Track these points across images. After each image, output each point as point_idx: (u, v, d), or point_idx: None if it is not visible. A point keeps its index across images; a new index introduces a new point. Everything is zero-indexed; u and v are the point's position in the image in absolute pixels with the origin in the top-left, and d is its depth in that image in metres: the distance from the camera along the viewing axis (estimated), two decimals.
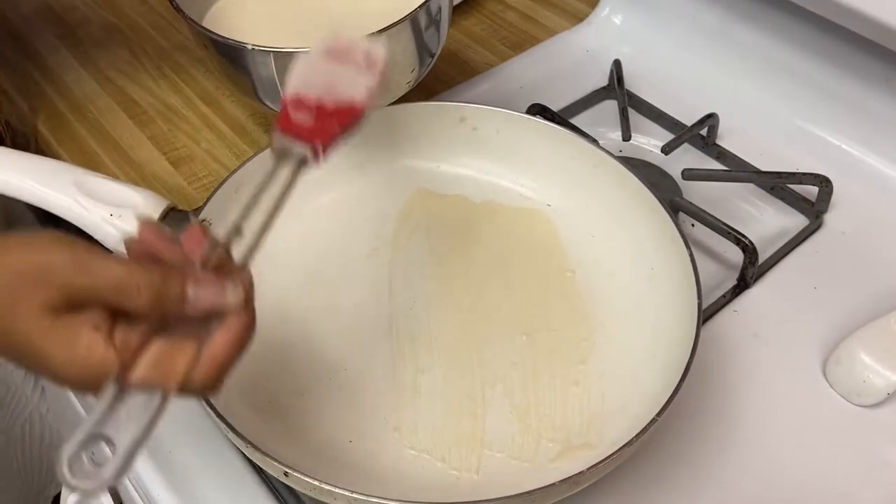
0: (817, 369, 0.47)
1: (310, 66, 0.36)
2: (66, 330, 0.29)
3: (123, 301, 0.29)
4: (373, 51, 0.36)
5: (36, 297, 0.29)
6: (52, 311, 0.29)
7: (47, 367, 0.30)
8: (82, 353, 0.29)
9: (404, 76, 0.52)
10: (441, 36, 0.52)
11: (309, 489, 0.36)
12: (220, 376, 0.31)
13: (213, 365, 0.30)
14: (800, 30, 0.59)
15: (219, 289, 0.31)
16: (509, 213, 0.52)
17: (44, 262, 0.29)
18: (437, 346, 0.45)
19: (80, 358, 0.29)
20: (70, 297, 0.29)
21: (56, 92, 0.66)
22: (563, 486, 0.36)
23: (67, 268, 0.29)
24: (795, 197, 0.56)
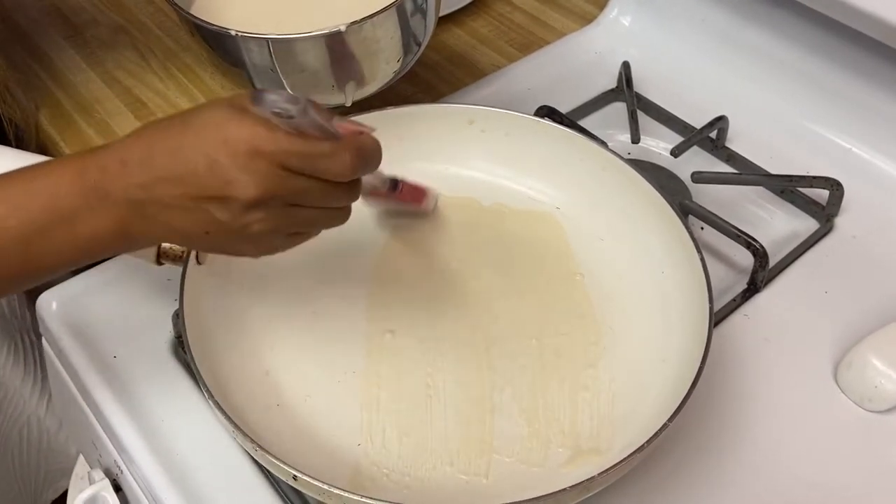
0: (828, 374, 0.47)
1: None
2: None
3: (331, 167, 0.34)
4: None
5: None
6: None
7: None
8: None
9: (390, 64, 0.51)
10: (428, 24, 0.52)
11: (318, 493, 0.36)
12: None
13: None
14: (810, 32, 0.58)
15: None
16: (518, 216, 0.52)
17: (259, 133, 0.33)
18: (445, 349, 0.45)
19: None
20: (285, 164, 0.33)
21: (63, 92, 0.66)
22: (573, 491, 0.35)
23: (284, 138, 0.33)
24: (806, 200, 0.55)
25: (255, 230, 0.35)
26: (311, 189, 0.35)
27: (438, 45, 0.69)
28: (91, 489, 0.47)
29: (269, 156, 0.33)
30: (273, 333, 0.45)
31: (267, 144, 0.33)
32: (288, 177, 0.34)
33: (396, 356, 0.45)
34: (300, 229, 0.37)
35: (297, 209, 0.35)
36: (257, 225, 0.34)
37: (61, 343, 0.48)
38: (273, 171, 0.33)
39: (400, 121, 0.52)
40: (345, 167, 0.35)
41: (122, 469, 0.45)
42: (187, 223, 0.34)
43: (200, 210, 0.34)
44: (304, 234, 0.38)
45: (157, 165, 0.33)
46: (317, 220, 0.37)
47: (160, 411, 0.45)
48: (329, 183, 0.35)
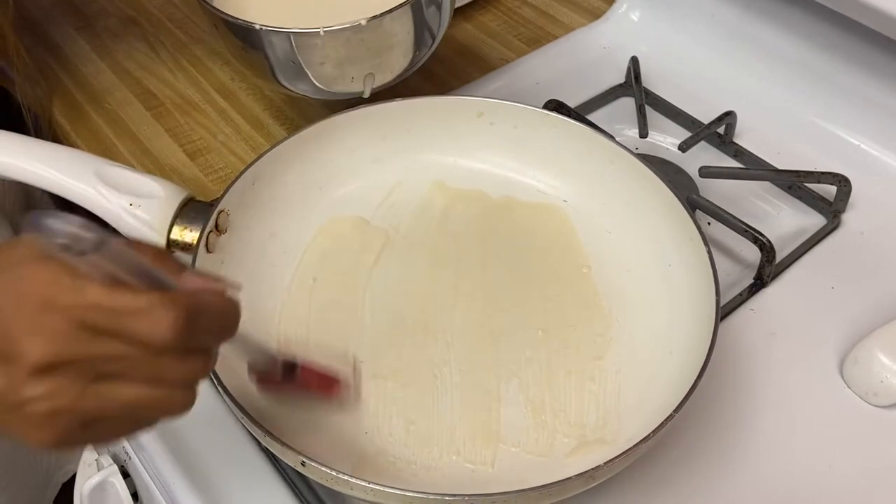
0: (834, 369, 0.47)
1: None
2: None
3: (147, 329, 0.27)
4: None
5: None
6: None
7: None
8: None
9: (407, 57, 0.52)
10: (443, 18, 0.53)
11: (326, 479, 0.36)
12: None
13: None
14: (819, 27, 0.58)
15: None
16: (526, 209, 0.52)
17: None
18: (453, 340, 0.45)
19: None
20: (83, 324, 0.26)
21: (74, 83, 0.66)
22: (578, 480, 0.36)
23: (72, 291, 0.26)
24: (813, 196, 0.55)
25: (42, 408, 0.26)
26: (121, 356, 0.27)
27: (447, 38, 0.69)
28: (99, 475, 0.48)
29: (63, 309, 0.26)
30: (282, 322, 0.46)
31: (63, 295, 0.26)
32: (91, 338, 0.26)
33: (404, 346, 0.45)
34: (109, 413, 0.28)
35: (105, 384, 0.27)
36: (45, 401, 0.26)
37: None
38: (68, 329, 0.26)
39: (409, 113, 0.53)
40: (163, 328, 0.26)
41: (130, 455, 0.46)
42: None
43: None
44: (121, 421, 0.29)
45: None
46: (137, 402, 0.28)
47: None
48: (147, 349, 0.27)
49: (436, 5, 0.51)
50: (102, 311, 0.26)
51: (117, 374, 0.27)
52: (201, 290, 0.28)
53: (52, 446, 0.28)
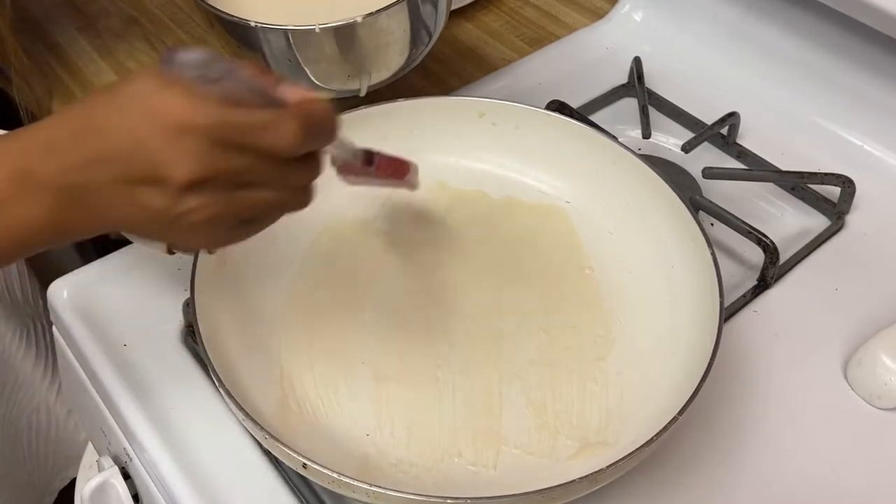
0: (838, 371, 0.47)
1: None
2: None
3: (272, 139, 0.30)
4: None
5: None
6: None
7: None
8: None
9: (403, 55, 0.52)
10: (439, 16, 0.53)
11: (327, 482, 0.36)
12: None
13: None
14: (822, 28, 0.58)
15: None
16: (527, 209, 0.52)
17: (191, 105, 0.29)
18: (454, 341, 0.45)
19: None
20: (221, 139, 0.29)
21: (75, 83, 0.66)
22: (582, 483, 0.35)
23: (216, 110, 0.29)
24: (816, 197, 0.55)
25: (197, 218, 0.30)
26: (255, 166, 0.30)
27: (449, 39, 0.69)
28: (100, 477, 0.47)
29: (199, 130, 0.29)
30: (283, 323, 0.45)
31: (196, 118, 0.29)
32: (225, 154, 0.30)
33: (406, 347, 0.45)
34: (251, 215, 0.32)
35: (244, 191, 0.31)
36: (198, 212, 0.30)
37: (72, 331, 0.48)
38: (206, 148, 0.29)
39: (411, 113, 0.52)
40: (288, 139, 0.30)
41: (131, 457, 0.46)
42: (123, 210, 0.30)
43: (134, 195, 0.30)
44: (258, 221, 0.33)
45: (83, 146, 0.30)
46: (270, 204, 0.32)
47: (170, 400, 0.45)
48: (276, 159, 0.31)
49: (432, 3, 0.51)
50: (233, 129, 0.29)
51: (252, 183, 0.31)
52: (305, 101, 0.32)
53: (213, 246, 0.34)
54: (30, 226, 0.31)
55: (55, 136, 0.30)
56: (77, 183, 0.30)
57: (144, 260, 0.51)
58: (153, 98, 0.29)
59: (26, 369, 0.67)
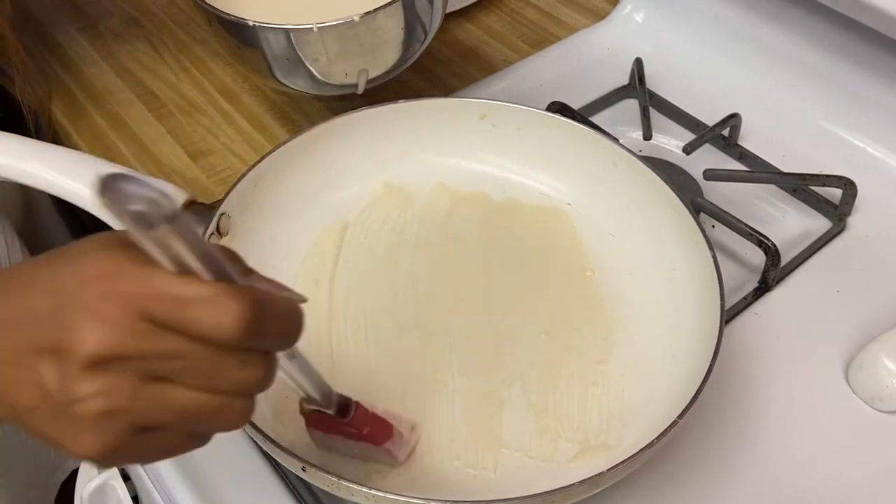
0: (839, 374, 0.46)
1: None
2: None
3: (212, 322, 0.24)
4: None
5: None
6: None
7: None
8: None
9: (400, 53, 0.52)
10: (435, 14, 0.53)
11: (327, 485, 0.36)
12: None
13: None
14: (824, 29, 0.58)
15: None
16: (528, 211, 0.52)
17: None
18: (455, 343, 0.45)
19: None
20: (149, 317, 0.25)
21: (76, 83, 0.66)
22: (583, 486, 0.35)
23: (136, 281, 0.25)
24: (818, 199, 0.55)
25: (91, 409, 0.24)
26: (179, 353, 0.25)
27: (450, 40, 0.69)
28: (100, 478, 0.47)
29: (125, 297, 0.24)
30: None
31: (126, 283, 0.24)
32: (149, 332, 0.24)
33: (405, 350, 0.45)
34: (161, 420, 0.26)
35: (161, 386, 0.25)
36: (94, 401, 0.24)
37: None
38: (127, 319, 0.24)
39: (411, 114, 0.52)
40: (228, 320, 0.24)
41: None
42: (13, 389, 0.25)
43: (30, 370, 0.25)
44: (167, 431, 0.26)
45: (2, 305, 0.26)
46: (189, 410, 0.26)
47: None
48: (208, 345, 0.25)
49: (428, 0, 0.51)
50: (166, 301, 0.24)
51: (174, 377, 0.25)
52: (267, 286, 0.27)
53: (99, 455, 0.26)
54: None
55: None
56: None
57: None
58: (91, 257, 0.25)
59: None
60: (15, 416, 0.26)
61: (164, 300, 0.24)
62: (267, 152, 0.48)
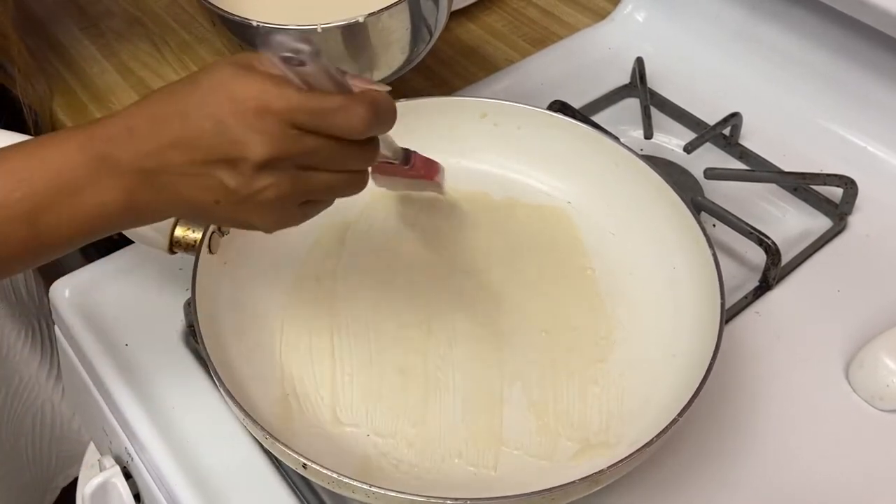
0: (840, 373, 0.46)
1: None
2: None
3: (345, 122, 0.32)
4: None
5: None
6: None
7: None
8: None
9: (405, 53, 0.52)
10: (440, 13, 0.53)
11: (328, 482, 0.36)
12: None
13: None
14: (825, 29, 0.58)
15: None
16: (529, 210, 0.52)
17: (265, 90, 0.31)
18: (455, 341, 0.45)
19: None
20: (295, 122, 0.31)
21: (79, 83, 0.66)
22: (582, 484, 0.35)
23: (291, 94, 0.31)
24: (819, 198, 0.55)
25: (267, 196, 0.33)
26: (323, 149, 0.33)
27: (452, 39, 0.69)
28: (101, 476, 0.48)
29: (277, 113, 0.31)
30: (284, 324, 0.46)
31: (275, 101, 0.31)
32: (299, 136, 0.32)
33: (406, 349, 0.45)
34: (314, 196, 0.35)
35: (311, 173, 0.33)
36: (269, 191, 0.33)
37: (73, 330, 0.48)
38: (283, 129, 0.32)
39: (413, 113, 0.52)
40: (359, 121, 0.32)
41: (132, 456, 0.46)
42: (196, 192, 0.33)
43: (209, 177, 0.32)
44: (318, 202, 0.36)
45: (163, 132, 0.32)
46: (332, 186, 0.35)
47: (171, 399, 0.45)
48: (343, 142, 0.33)
49: (433, 0, 0.51)
50: (308, 112, 0.31)
51: (319, 165, 0.33)
52: (370, 89, 0.34)
53: (276, 226, 0.35)
54: (105, 209, 0.33)
55: (134, 124, 0.33)
56: (153, 167, 0.32)
57: (146, 260, 0.51)
58: (232, 83, 0.32)
59: (31, 368, 0.67)
60: (197, 212, 0.35)
61: (307, 112, 0.32)
62: None
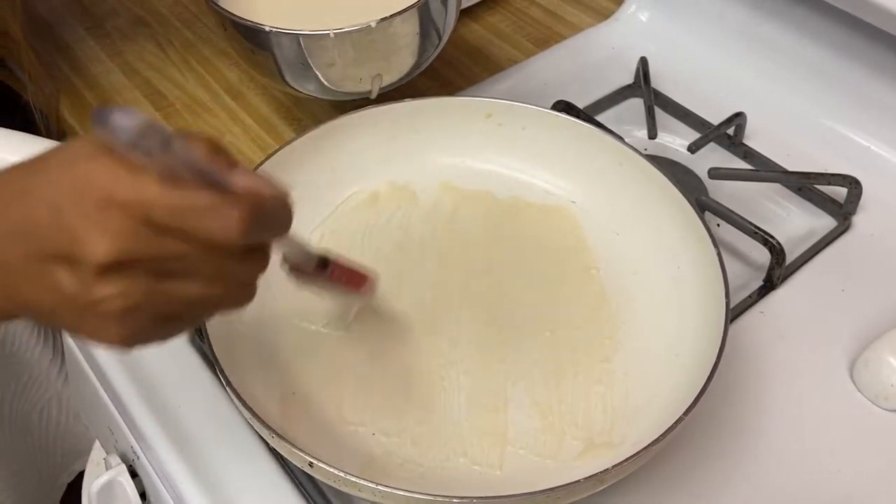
0: (844, 372, 0.46)
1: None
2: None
3: (214, 226, 0.26)
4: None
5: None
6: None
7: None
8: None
9: (414, 57, 0.52)
10: (449, 17, 0.53)
11: (333, 480, 0.36)
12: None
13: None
14: (829, 28, 0.58)
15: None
16: (534, 210, 0.52)
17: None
18: (460, 341, 0.45)
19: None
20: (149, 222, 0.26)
21: (83, 83, 0.66)
22: (587, 483, 0.35)
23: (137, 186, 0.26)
24: (823, 198, 0.55)
25: (111, 308, 0.26)
26: (187, 255, 0.27)
27: (455, 39, 0.69)
28: (107, 475, 0.48)
29: (125, 207, 0.25)
30: (290, 323, 0.46)
31: (123, 191, 0.25)
32: (154, 236, 0.26)
33: (411, 348, 0.45)
34: (178, 311, 0.28)
35: (171, 282, 0.27)
36: (113, 301, 0.26)
37: None
38: (132, 227, 0.26)
39: (416, 113, 0.53)
40: (230, 228, 0.26)
41: (138, 455, 0.46)
42: (33, 292, 0.27)
43: (45, 275, 0.27)
44: (185, 318, 0.29)
45: (1, 216, 0.27)
46: (201, 300, 0.28)
47: (177, 398, 0.45)
48: (213, 249, 0.27)
49: (443, 4, 0.51)
50: (166, 209, 0.26)
51: (182, 274, 0.27)
52: (257, 188, 0.28)
53: (126, 344, 0.28)
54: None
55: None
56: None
57: None
58: (82, 166, 0.26)
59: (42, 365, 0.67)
60: (38, 316, 0.29)
61: (165, 209, 0.26)
62: (273, 151, 0.49)
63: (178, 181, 0.26)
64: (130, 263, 0.26)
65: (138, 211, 0.26)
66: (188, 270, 0.27)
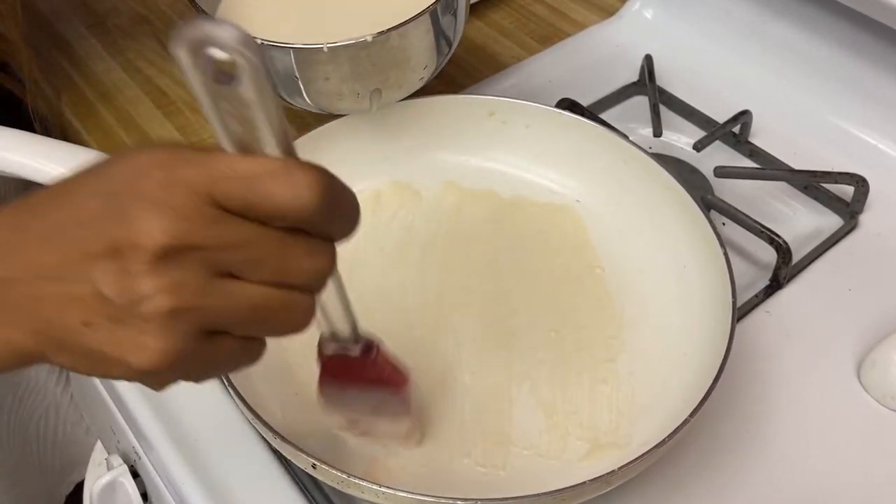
0: (851, 372, 0.46)
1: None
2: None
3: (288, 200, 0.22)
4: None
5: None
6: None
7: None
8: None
9: (417, 72, 0.50)
10: (458, 26, 0.51)
11: (337, 482, 0.36)
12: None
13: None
14: (836, 26, 0.57)
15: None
16: (538, 209, 0.52)
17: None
18: (464, 341, 0.45)
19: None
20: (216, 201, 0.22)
21: (85, 81, 0.66)
22: (593, 485, 0.35)
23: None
24: (830, 196, 0.55)
25: (158, 307, 0.22)
26: (249, 242, 0.23)
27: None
28: (109, 475, 0.47)
29: (188, 183, 0.22)
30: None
31: (188, 168, 0.22)
32: (216, 219, 0.22)
33: (414, 348, 0.45)
34: (231, 319, 0.24)
35: (228, 282, 0.23)
36: (162, 297, 0.22)
37: None
38: (195, 205, 0.22)
39: (420, 111, 0.52)
40: (302, 193, 0.23)
41: (140, 455, 0.46)
42: (60, 308, 0.23)
43: (80, 281, 0.22)
44: (232, 337, 0.25)
45: (31, 222, 0.23)
46: (260, 307, 0.24)
47: (179, 399, 0.45)
48: (279, 232, 0.23)
49: (452, 14, 0.49)
50: (235, 179, 0.22)
51: (242, 271, 0.23)
52: (322, 167, 0.24)
53: (160, 364, 0.23)
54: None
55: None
56: (4, 275, 0.23)
57: None
58: (143, 155, 0.23)
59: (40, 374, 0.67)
60: (56, 342, 0.24)
61: (232, 179, 0.22)
62: None
63: (248, 153, 0.23)
64: (188, 250, 0.22)
65: (202, 186, 0.22)
66: (248, 265, 0.23)
